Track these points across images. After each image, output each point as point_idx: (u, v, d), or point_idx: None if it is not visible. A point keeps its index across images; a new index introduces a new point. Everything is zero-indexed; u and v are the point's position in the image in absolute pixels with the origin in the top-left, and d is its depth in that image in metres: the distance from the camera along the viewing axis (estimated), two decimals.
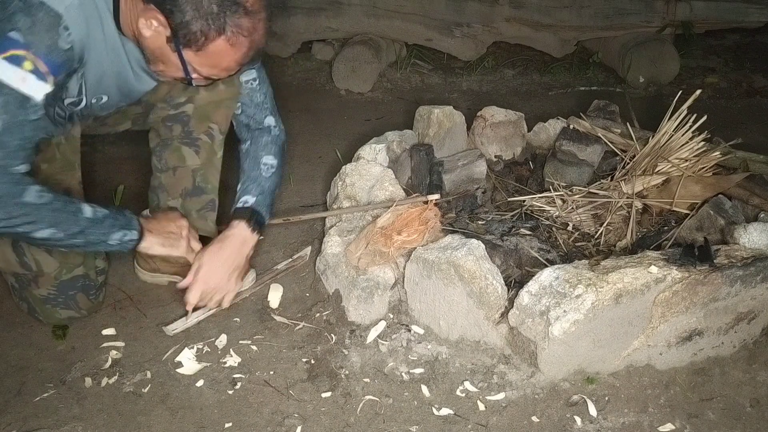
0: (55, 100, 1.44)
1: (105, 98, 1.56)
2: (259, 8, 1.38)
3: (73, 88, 1.47)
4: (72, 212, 1.44)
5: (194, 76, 1.46)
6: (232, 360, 1.72)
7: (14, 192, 1.34)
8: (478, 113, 2.52)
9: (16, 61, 1.27)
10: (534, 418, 1.54)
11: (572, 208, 2.17)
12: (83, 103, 1.51)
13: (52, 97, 1.36)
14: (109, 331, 1.81)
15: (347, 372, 1.68)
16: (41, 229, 1.40)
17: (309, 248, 2.15)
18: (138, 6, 1.38)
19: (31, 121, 1.34)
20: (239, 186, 1.79)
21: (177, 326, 1.81)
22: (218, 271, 1.70)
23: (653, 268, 1.58)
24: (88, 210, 1.47)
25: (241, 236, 1.71)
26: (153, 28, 1.37)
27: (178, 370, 1.68)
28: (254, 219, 1.74)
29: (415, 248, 1.76)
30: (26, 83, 1.29)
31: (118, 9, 1.41)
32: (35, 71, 1.29)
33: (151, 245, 1.62)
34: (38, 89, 1.32)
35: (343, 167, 2.13)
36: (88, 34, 1.37)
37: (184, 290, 1.72)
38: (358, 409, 1.57)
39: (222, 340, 1.78)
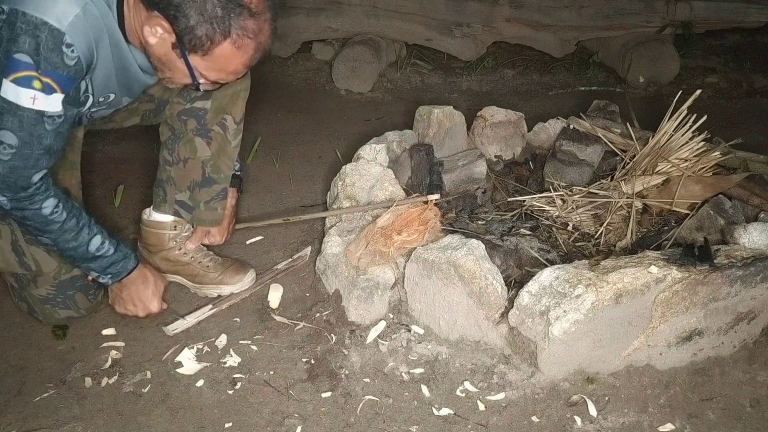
0: (73, 103, 1.46)
1: (112, 96, 1.56)
2: (263, 9, 1.37)
3: (80, 88, 1.48)
4: (78, 238, 1.55)
5: (202, 81, 1.46)
6: (232, 360, 1.72)
7: (34, 201, 1.45)
8: (478, 113, 2.52)
9: (24, 82, 1.31)
10: (534, 418, 1.54)
11: (572, 208, 2.17)
12: (90, 101, 1.51)
13: (69, 101, 1.41)
14: (109, 331, 1.81)
15: (347, 372, 1.67)
16: (45, 236, 1.53)
17: (309, 248, 2.15)
18: (142, 14, 1.38)
19: (49, 131, 1.39)
20: None
21: (177, 326, 1.81)
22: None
23: (653, 268, 1.57)
24: (95, 243, 1.59)
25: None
26: (158, 35, 1.37)
27: (178, 370, 1.68)
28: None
29: (415, 248, 1.76)
30: (38, 101, 1.33)
31: (122, 18, 1.41)
32: (45, 88, 1.33)
33: (115, 295, 1.75)
34: (51, 103, 1.35)
35: (343, 167, 2.13)
36: (93, 43, 1.38)
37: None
38: (358, 409, 1.57)
39: (222, 340, 1.78)
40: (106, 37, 1.41)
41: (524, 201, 2.24)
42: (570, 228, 2.12)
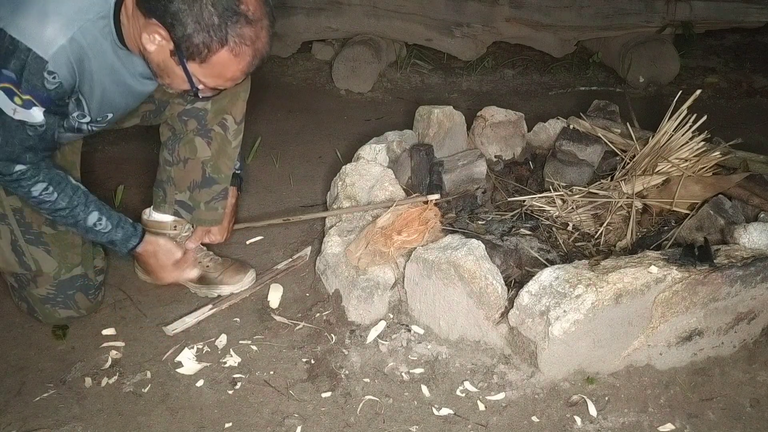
0: (61, 115, 1.48)
1: (110, 115, 1.59)
2: (260, 16, 1.37)
3: (72, 107, 1.50)
4: (74, 214, 1.58)
5: (200, 87, 1.46)
6: (232, 360, 1.72)
7: (21, 185, 1.50)
8: (478, 113, 2.52)
9: (9, 93, 1.36)
10: (534, 418, 1.54)
11: (572, 208, 2.17)
12: (87, 118, 1.54)
13: (52, 111, 1.43)
14: (109, 331, 1.81)
15: (347, 372, 1.67)
16: (42, 211, 1.59)
17: (309, 248, 2.15)
18: (140, 21, 1.38)
19: (31, 136, 1.43)
20: None
21: (177, 326, 1.81)
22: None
23: (653, 268, 1.57)
24: (92, 219, 1.60)
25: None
26: (156, 42, 1.38)
27: (178, 370, 1.68)
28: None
29: (415, 248, 1.76)
30: (18, 113, 1.38)
31: (119, 25, 1.42)
32: (25, 104, 1.37)
33: (142, 257, 1.76)
34: (32, 115, 1.40)
35: (343, 167, 2.13)
36: (76, 72, 1.41)
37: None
38: (358, 409, 1.57)
39: (222, 340, 1.78)
40: (94, 66, 1.43)
41: (524, 201, 2.24)
42: (570, 228, 2.12)
